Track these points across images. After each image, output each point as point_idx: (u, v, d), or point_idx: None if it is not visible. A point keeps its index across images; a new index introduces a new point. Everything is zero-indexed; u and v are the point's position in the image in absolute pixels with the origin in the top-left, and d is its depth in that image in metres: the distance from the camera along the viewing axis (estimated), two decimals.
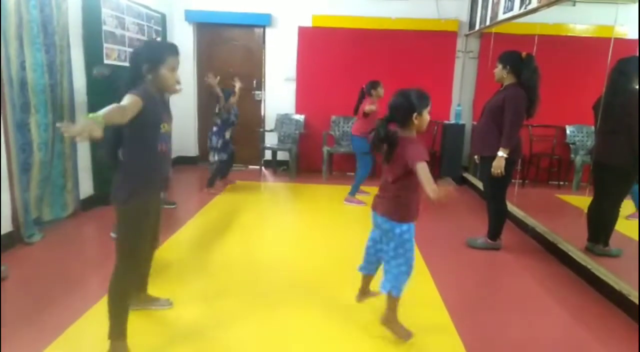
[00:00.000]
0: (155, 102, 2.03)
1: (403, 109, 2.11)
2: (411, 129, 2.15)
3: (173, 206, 4.51)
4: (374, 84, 4.79)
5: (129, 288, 2.14)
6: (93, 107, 4.24)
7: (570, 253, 3.38)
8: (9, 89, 3.22)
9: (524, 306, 2.85)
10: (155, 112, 2.01)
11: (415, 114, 2.10)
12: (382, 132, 2.11)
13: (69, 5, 3.85)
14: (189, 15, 6.36)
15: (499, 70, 3.45)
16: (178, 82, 2.16)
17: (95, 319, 2.41)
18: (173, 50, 2.08)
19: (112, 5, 4.45)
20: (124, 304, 2.10)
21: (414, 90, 2.13)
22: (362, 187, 5.02)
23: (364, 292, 2.54)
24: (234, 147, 5.25)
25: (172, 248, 3.51)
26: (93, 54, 4.21)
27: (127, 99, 1.85)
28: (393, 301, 2.29)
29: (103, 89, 4.20)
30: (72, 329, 2.35)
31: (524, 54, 3.41)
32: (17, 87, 3.31)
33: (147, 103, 1.92)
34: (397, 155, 2.12)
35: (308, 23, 6.30)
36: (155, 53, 2.04)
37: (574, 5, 5.43)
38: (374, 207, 2.30)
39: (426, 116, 2.15)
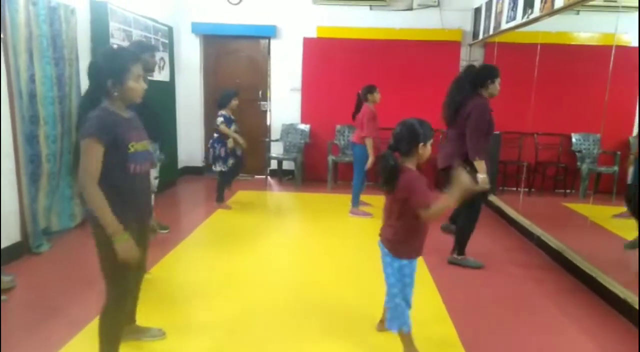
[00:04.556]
0: (119, 122, 1.86)
1: (408, 139, 2.08)
2: (413, 159, 2.11)
3: (166, 231, 4.06)
4: (369, 89, 4.71)
5: (121, 316, 2.02)
6: None
7: (575, 261, 3.36)
8: (18, 101, 3.30)
9: (529, 316, 2.83)
10: (118, 135, 1.82)
11: (420, 144, 2.07)
12: (391, 161, 2.05)
13: (77, 19, 3.93)
14: (196, 28, 6.46)
15: None
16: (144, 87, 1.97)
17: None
18: (135, 56, 1.91)
19: (120, 19, 4.54)
20: (117, 332, 2.01)
21: (418, 120, 2.10)
22: (363, 198, 5.02)
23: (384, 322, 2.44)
24: (243, 156, 5.09)
25: (171, 265, 3.45)
26: None
27: (85, 154, 1.76)
28: (406, 337, 2.20)
29: None
30: (78, 338, 2.37)
31: None
32: (26, 99, 3.38)
33: (107, 133, 1.78)
34: (399, 187, 2.06)
35: (313, 34, 6.37)
36: (117, 64, 1.84)
37: (578, 14, 5.44)
38: (380, 235, 2.26)
39: (429, 147, 2.11)
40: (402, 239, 2.12)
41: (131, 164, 1.87)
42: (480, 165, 3.19)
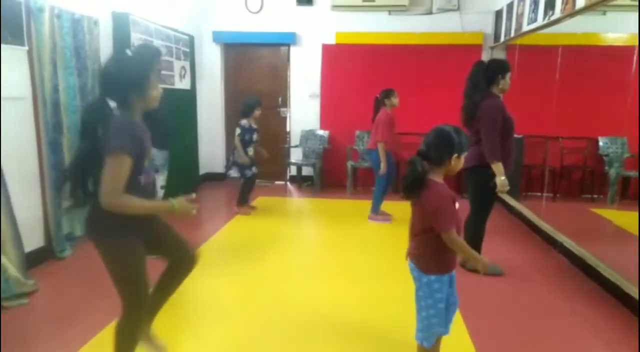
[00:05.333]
0: (143, 135, 1.81)
1: (442, 148, 1.89)
2: (442, 170, 1.94)
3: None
4: (387, 93, 4.67)
5: (137, 332, 1.96)
6: None
7: (599, 269, 3.24)
8: (42, 110, 3.41)
9: (550, 327, 2.74)
10: (143, 148, 1.78)
11: (454, 156, 1.90)
12: (419, 168, 1.87)
13: (100, 30, 4.06)
14: (217, 36, 6.57)
15: None
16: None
17: None
18: (150, 63, 1.81)
19: (141, 29, 4.66)
20: (131, 348, 1.96)
21: (454, 128, 1.92)
22: (384, 208, 4.93)
23: None
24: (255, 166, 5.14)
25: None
26: None
27: (115, 170, 1.66)
28: (424, 350, 2.07)
29: None
30: (94, 341, 2.43)
31: None
32: (50, 108, 3.49)
33: (137, 146, 1.74)
34: (423, 203, 1.91)
35: (332, 40, 6.39)
36: (137, 74, 1.76)
37: (604, 14, 5.29)
38: (407, 251, 2.10)
39: (462, 159, 1.94)
40: (427, 253, 1.96)
41: (142, 176, 1.83)
42: (498, 167, 3.13)
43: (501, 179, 3.14)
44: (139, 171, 1.80)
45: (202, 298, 3.02)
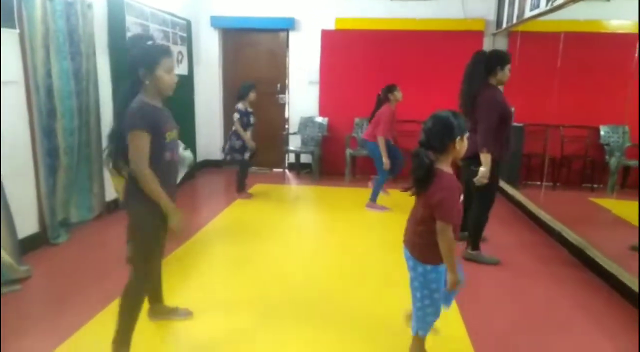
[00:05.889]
0: (157, 113, 2.01)
1: (443, 134, 1.84)
2: (448, 156, 1.89)
3: None
4: (390, 88, 4.63)
5: (142, 297, 2.15)
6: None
7: (596, 258, 3.22)
8: (35, 96, 3.37)
9: (546, 316, 2.73)
10: (158, 125, 1.98)
11: (457, 139, 1.85)
12: (426, 159, 1.83)
13: (94, 14, 3.98)
14: (214, 21, 6.48)
15: None
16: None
17: (108, 319, 2.45)
18: (166, 51, 2.03)
19: (137, 13, 4.58)
20: (136, 312, 2.10)
21: (451, 112, 1.88)
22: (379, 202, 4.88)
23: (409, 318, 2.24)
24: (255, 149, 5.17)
25: (187, 254, 3.54)
26: (118, 61, 4.33)
27: (135, 144, 1.91)
28: (419, 340, 2.08)
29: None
30: (88, 325, 2.42)
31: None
32: (43, 94, 3.44)
33: (149, 121, 1.94)
34: (431, 192, 1.86)
35: (331, 26, 6.30)
36: (148, 55, 1.98)
37: (608, 0, 5.20)
38: (403, 238, 2.08)
39: (466, 141, 1.89)
40: (426, 243, 1.92)
41: (167, 152, 2.04)
42: (486, 158, 3.11)
43: (482, 170, 3.13)
44: (162, 147, 2.00)
45: (198, 278, 3.03)
